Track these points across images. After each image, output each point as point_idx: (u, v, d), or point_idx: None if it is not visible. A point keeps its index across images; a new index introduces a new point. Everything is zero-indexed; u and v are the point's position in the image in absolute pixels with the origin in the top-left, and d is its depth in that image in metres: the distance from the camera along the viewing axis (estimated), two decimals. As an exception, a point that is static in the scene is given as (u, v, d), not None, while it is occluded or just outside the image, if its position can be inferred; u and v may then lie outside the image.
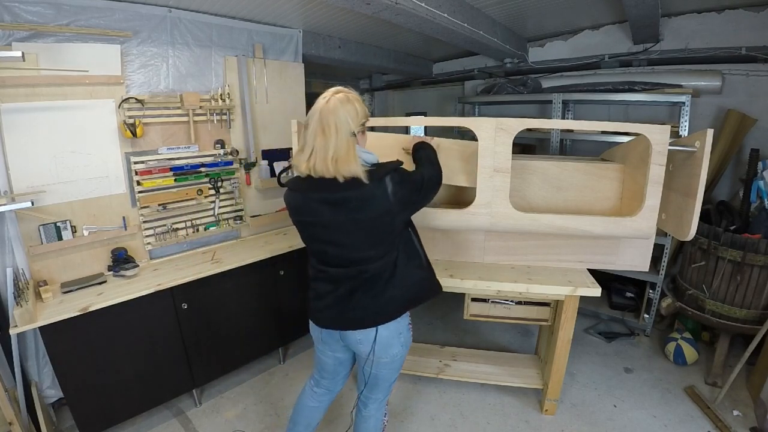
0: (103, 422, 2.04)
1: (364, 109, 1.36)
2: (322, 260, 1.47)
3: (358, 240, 1.36)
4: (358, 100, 1.34)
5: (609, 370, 2.68)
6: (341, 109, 1.28)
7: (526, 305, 2.20)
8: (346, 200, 1.30)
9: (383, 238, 1.39)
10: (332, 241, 1.39)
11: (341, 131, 1.26)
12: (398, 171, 1.36)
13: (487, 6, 2.82)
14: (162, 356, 2.17)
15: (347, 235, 1.36)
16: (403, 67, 4.41)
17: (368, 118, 1.39)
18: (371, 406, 1.66)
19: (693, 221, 1.67)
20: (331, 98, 1.29)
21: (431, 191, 1.51)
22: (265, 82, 2.85)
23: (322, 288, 1.48)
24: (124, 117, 2.24)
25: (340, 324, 1.49)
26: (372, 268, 1.40)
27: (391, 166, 1.36)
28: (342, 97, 1.30)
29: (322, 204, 1.33)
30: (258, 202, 2.97)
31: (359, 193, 1.29)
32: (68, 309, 1.83)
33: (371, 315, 1.45)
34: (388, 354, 1.51)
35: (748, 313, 2.38)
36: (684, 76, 3.01)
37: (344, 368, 1.72)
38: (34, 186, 2.01)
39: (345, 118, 1.27)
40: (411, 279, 1.48)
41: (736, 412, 2.25)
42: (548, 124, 2.74)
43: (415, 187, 1.41)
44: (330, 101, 1.29)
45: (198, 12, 2.46)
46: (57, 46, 2.00)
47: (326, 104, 1.28)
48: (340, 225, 1.34)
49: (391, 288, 1.43)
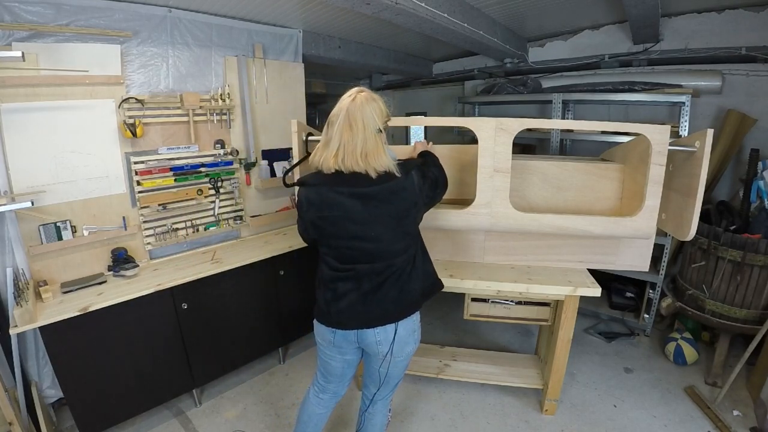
0: (103, 422, 2.04)
1: (386, 108, 1.41)
2: (345, 258, 1.44)
3: (389, 233, 1.40)
4: (381, 99, 1.39)
5: (609, 370, 2.68)
6: (367, 106, 1.31)
7: (526, 305, 2.20)
8: (379, 193, 1.34)
9: (408, 231, 1.46)
10: (361, 236, 1.38)
11: (368, 127, 1.30)
12: (420, 167, 1.49)
13: (487, 6, 2.82)
14: (162, 356, 2.17)
15: (378, 229, 1.38)
16: (403, 67, 4.42)
17: (390, 117, 1.44)
18: (379, 404, 1.68)
19: (693, 221, 1.67)
20: (357, 96, 1.33)
21: (442, 190, 1.61)
22: (265, 82, 2.85)
23: (343, 287, 1.45)
24: (124, 117, 2.24)
25: (362, 322, 1.46)
26: (398, 261, 1.44)
27: (416, 162, 1.51)
28: (367, 95, 1.35)
29: (352, 198, 1.34)
30: (258, 202, 2.97)
31: (391, 186, 1.35)
32: (68, 309, 1.83)
33: (396, 308, 1.48)
34: (404, 352, 1.54)
35: (748, 313, 2.38)
36: (684, 76, 3.01)
37: (351, 370, 1.70)
38: (34, 186, 2.01)
39: (371, 114, 1.31)
40: (426, 273, 1.57)
41: (736, 412, 2.25)
42: (548, 124, 2.74)
43: (433, 184, 1.53)
44: (356, 99, 1.32)
45: (198, 12, 2.46)
46: (57, 46, 1.99)
47: (353, 101, 1.32)
48: (372, 219, 1.36)
49: (412, 281, 1.49)
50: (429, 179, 1.50)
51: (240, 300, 2.45)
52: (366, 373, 1.68)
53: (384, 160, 1.33)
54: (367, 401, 1.71)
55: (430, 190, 1.51)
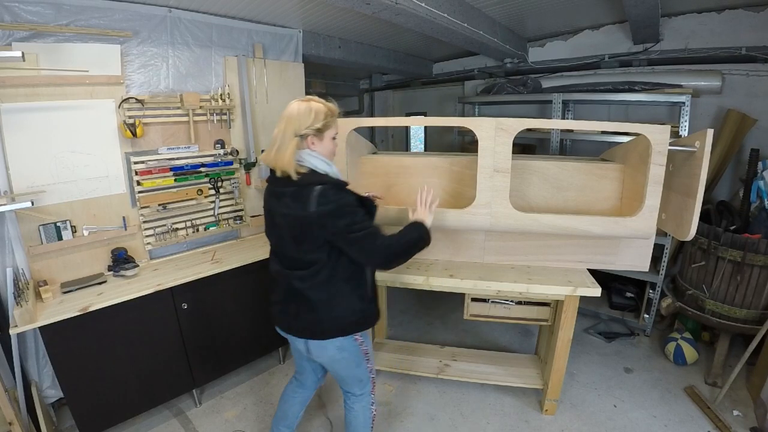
0: (103, 422, 2.04)
1: (326, 119, 1.39)
2: (276, 258, 1.55)
3: (288, 238, 1.43)
4: (322, 110, 1.39)
5: (609, 370, 2.68)
6: (296, 110, 1.37)
7: (526, 305, 2.20)
8: (283, 195, 1.39)
9: (307, 245, 1.40)
10: (275, 233, 1.50)
11: (288, 130, 1.35)
12: (335, 188, 1.35)
13: (487, 6, 2.82)
14: (162, 356, 2.17)
15: (282, 230, 1.44)
16: (403, 67, 4.42)
17: (330, 127, 1.42)
18: (348, 401, 1.72)
19: (693, 221, 1.67)
20: (295, 102, 1.40)
21: (363, 249, 1.37)
22: (265, 82, 2.85)
23: (275, 286, 1.57)
24: (124, 117, 2.24)
25: (283, 326, 1.58)
26: (301, 275, 1.43)
27: (329, 180, 1.37)
28: (303, 102, 1.39)
29: (271, 195, 1.47)
30: (258, 202, 2.96)
31: (291, 191, 1.37)
32: (68, 309, 1.83)
33: (302, 326, 1.51)
34: (326, 356, 1.55)
35: (748, 313, 2.38)
36: (684, 76, 3.01)
37: (308, 364, 1.75)
38: (34, 186, 2.01)
39: (297, 118, 1.36)
40: (350, 308, 1.49)
41: (736, 412, 2.25)
42: (548, 124, 2.75)
43: (344, 214, 1.33)
44: (293, 104, 1.40)
45: (198, 12, 2.46)
46: (57, 46, 1.99)
47: (289, 105, 1.40)
48: (279, 217, 1.43)
49: (326, 310, 1.46)
50: (340, 208, 1.33)
51: (240, 300, 2.45)
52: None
53: (285, 163, 1.34)
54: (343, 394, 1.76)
55: (336, 219, 1.32)
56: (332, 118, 1.43)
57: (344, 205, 1.35)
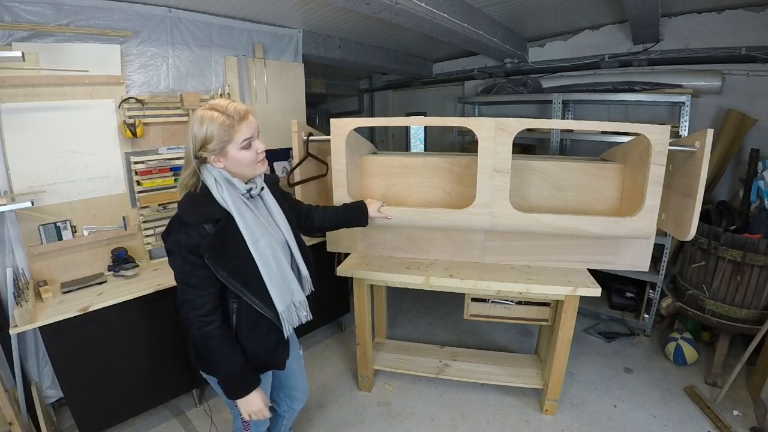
0: (103, 422, 2.04)
1: (221, 134, 1.15)
2: None
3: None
4: (216, 122, 1.15)
5: (609, 370, 2.68)
6: (191, 127, 1.17)
7: (526, 305, 2.19)
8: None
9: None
10: None
11: (187, 150, 1.20)
12: (177, 223, 1.18)
13: (487, 6, 2.82)
14: (162, 356, 2.17)
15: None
16: (403, 67, 4.42)
17: (232, 140, 1.18)
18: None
19: (693, 221, 1.67)
20: (197, 112, 1.18)
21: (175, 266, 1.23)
22: (265, 82, 2.85)
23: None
24: (124, 117, 2.24)
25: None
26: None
27: (178, 212, 1.18)
28: (202, 111, 1.17)
29: None
30: (258, 202, 2.96)
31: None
32: (68, 309, 1.83)
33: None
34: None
35: (748, 313, 2.38)
36: (684, 76, 3.01)
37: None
38: (34, 186, 2.01)
39: (190, 134, 1.17)
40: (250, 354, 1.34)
41: (736, 412, 2.25)
42: (548, 124, 2.74)
43: (169, 253, 1.22)
44: (193, 117, 1.19)
45: (198, 12, 2.46)
46: (57, 46, 2.00)
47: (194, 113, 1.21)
48: None
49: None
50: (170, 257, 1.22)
51: (240, 300, 2.45)
52: None
53: (181, 183, 1.24)
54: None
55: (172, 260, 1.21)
56: (232, 128, 1.17)
57: (172, 243, 1.18)
